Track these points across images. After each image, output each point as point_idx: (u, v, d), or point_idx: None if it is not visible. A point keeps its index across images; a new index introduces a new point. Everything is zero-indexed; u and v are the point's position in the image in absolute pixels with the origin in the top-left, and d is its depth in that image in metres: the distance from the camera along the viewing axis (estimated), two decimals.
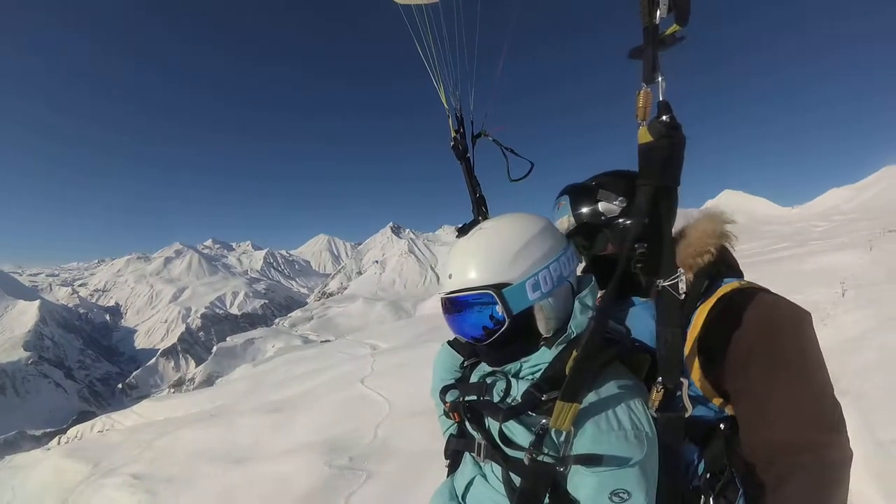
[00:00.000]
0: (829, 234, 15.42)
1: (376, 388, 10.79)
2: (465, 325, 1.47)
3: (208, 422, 11.98)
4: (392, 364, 12.88)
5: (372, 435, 8.31)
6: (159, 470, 9.19)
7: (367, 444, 7.95)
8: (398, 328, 23.94)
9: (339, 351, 19.54)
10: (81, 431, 20.12)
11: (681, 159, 1.29)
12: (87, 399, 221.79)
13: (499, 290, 1.37)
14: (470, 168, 2.15)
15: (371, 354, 15.36)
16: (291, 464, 7.64)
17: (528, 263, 1.40)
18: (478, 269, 1.41)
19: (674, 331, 1.35)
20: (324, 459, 7.41)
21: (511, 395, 1.43)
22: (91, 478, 10.18)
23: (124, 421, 18.44)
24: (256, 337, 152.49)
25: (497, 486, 1.47)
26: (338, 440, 8.28)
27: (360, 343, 20.17)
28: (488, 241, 1.45)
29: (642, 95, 1.28)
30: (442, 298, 1.50)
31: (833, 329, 6.85)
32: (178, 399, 19.17)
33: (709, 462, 1.51)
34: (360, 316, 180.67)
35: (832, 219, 22.54)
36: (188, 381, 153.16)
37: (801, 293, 8.50)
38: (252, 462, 8.37)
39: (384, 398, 10.10)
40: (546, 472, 1.30)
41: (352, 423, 9.06)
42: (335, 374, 14.02)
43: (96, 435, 17.12)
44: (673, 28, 1.25)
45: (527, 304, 1.39)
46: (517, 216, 1.54)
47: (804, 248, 12.40)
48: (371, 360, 13.82)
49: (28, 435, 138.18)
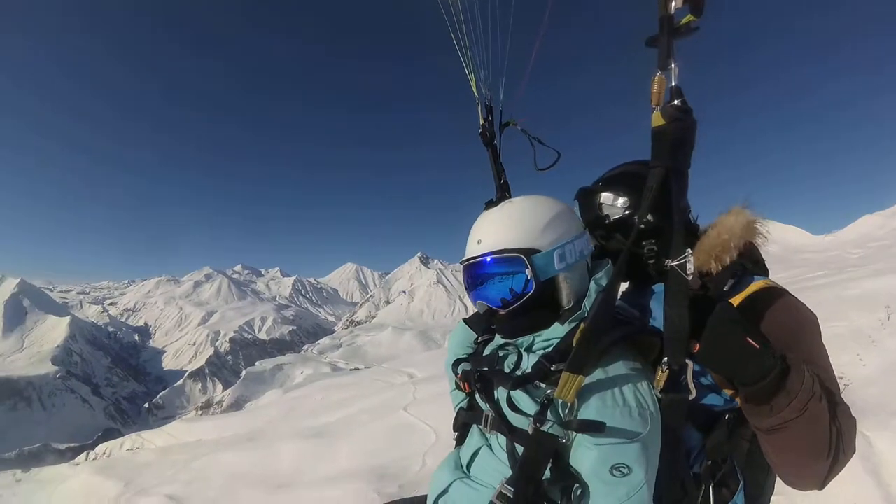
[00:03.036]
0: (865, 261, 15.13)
1: (420, 417, 10.41)
2: (492, 290, 1.54)
3: (245, 445, 11.63)
4: (433, 393, 12.51)
5: (420, 463, 7.95)
6: (197, 492, 8.84)
7: (416, 473, 7.62)
8: (433, 357, 23.59)
9: (376, 378, 19.29)
10: (110, 449, 19.96)
11: (692, 141, 1.34)
12: (112, 416, 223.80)
13: (529, 256, 1.46)
14: (496, 154, 2.26)
15: (411, 383, 14.96)
16: (338, 490, 7.27)
17: (556, 235, 1.50)
18: (510, 233, 1.50)
19: (680, 312, 1.37)
20: (372, 487, 7.05)
21: (521, 368, 1.51)
22: (123, 496, 9.89)
23: (155, 440, 18.25)
24: (285, 363, 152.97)
25: (502, 456, 1.52)
26: (385, 468, 7.89)
27: (396, 371, 19.87)
28: (521, 210, 1.56)
29: (656, 81, 1.34)
30: (469, 263, 1.57)
31: (880, 353, 6.69)
32: (211, 421, 18.93)
33: (710, 450, 1.54)
34: (389, 345, 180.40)
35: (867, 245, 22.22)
36: (216, 403, 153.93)
37: (844, 319, 8.34)
38: (295, 488, 7.99)
39: (429, 427, 9.69)
40: (549, 442, 1.35)
41: (398, 451, 8.67)
42: (375, 401, 13.65)
43: (126, 453, 17.02)
44: (688, 18, 1.30)
45: (552, 273, 1.48)
46: (543, 196, 1.64)
47: (843, 275, 12.13)
48: (412, 389, 13.47)
49: (53, 448, 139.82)
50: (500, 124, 2.25)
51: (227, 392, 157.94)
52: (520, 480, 1.35)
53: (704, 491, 1.53)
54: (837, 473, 1.34)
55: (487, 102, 2.25)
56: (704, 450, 1.56)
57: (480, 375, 1.58)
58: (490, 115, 2.26)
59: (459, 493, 1.59)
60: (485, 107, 2.26)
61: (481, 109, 2.26)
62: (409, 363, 22.17)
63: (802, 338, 1.45)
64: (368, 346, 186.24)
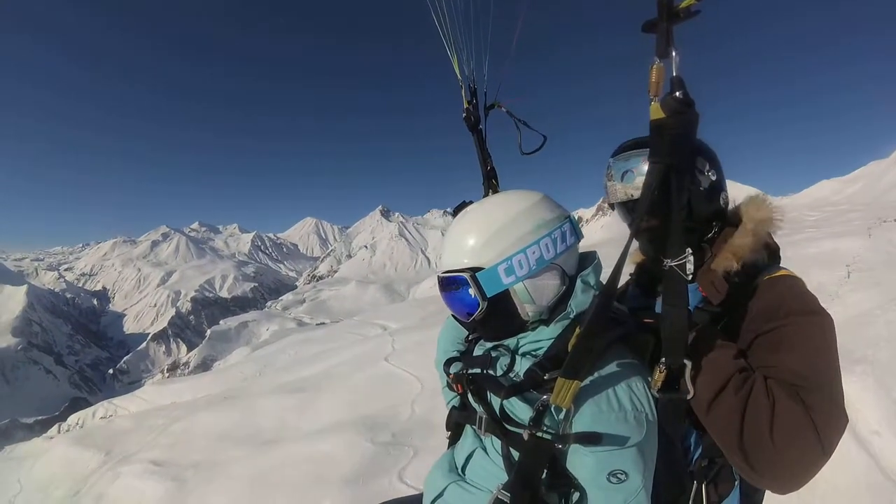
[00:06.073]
0: (822, 223, 15.81)
1: (402, 367, 10.49)
2: (454, 304, 1.52)
3: (223, 405, 11.51)
4: (412, 342, 12.57)
5: (409, 411, 8.08)
6: (181, 456, 8.73)
7: (407, 420, 7.76)
8: (403, 309, 23.72)
9: (349, 332, 19.27)
10: (82, 419, 19.58)
11: (693, 137, 1.27)
12: (78, 385, 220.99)
13: (472, 274, 1.41)
14: (482, 139, 2.19)
15: (387, 334, 14.98)
16: (328, 443, 7.32)
17: (503, 246, 1.41)
18: (456, 252, 1.47)
19: (679, 311, 1.33)
20: (365, 437, 7.15)
21: (514, 371, 1.47)
22: (104, 466, 9.69)
23: (128, 406, 17.95)
24: (250, 320, 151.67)
25: (497, 459, 1.50)
26: (375, 418, 7.98)
27: (368, 324, 19.86)
28: (467, 225, 1.49)
29: (655, 70, 1.23)
30: (437, 277, 1.55)
31: (842, 307, 7.07)
32: (182, 383, 18.68)
33: (706, 448, 1.54)
34: (354, 299, 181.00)
35: (823, 209, 23.25)
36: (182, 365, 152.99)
37: (806, 276, 8.99)
38: (283, 443, 7.99)
39: (413, 375, 9.79)
40: (544, 448, 1.33)
41: (385, 401, 8.76)
42: (353, 353, 13.67)
43: (101, 421, 16.65)
44: (688, 1, 1.19)
45: (501, 288, 1.41)
46: (503, 196, 1.58)
47: (801, 235, 12.58)
48: (390, 339, 13.52)
49: (21, 423, 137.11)
50: (486, 107, 2.18)
51: (193, 353, 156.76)
52: (516, 486, 1.35)
53: (698, 489, 1.55)
54: (780, 477, 1.30)
55: (471, 84, 2.17)
56: (700, 448, 1.57)
57: (472, 378, 1.55)
58: (474, 98, 2.18)
59: (455, 496, 1.58)
60: (468, 89, 2.18)
61: (465, 92, 2.18)
62: (379, 315, 22.17)
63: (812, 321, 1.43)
64: (333, 301, 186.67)
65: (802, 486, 1.30)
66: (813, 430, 1.24)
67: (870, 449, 4.37)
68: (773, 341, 1.41)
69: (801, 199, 47.32)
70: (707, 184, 1.65)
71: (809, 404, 1.27)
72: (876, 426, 4.50)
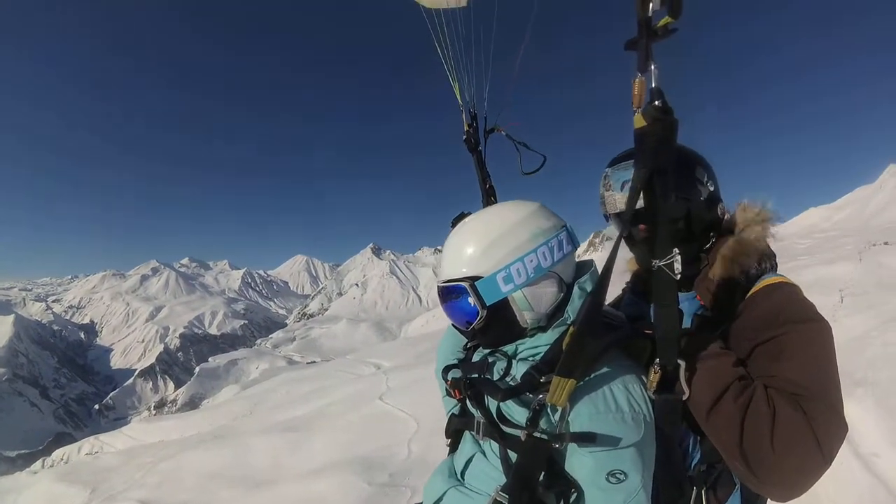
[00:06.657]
0: (813, 251, 16.06)
1: (398, 406, 10.33)
2: (454, 313, 1.55)
3: (213, 444, 11.24)
4: (406, 381, 12.46)
5: (406, 451, 7.94)
6: (169, 495, 8.54)
7: (404, 460, 7.62)
8: (395, 348, 23.59)
9: (341, 370, 19.12)
10: (68, 454, 19.21)
11: (673, 141, 1.31)
12: (63, 420, 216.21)
13: (472, 283, 1.44)
14: (481, 160, 2.30)
15: (381, 372, 14.88)
16: (323, 484, 7.16)
17: (500, 256, 1.45)
18: (454, 262, 1.50)
19: (669, 310, 1.37)
20: (361, 478, 7.00)
21: (511, 375, 1.49)
22: None
23: (114, 443, 17.64)
24: (239, 358, 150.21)
25: (495, 463, 1.53)
26: (371, 458, 7.83)
27: (361, 362, 19.69)
28: (465, 235, 1.53)
29: (637, 84, 1.32)
30: (437, 286, 1.59)
31: (839, 331, 7.00)
32: (170, 420, 18.41)
33: (705, 453, 1.56)
34: (345, 337, 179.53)
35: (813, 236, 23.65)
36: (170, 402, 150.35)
37: None
38: (276, 484, 7.82)
39: (409, 414, 9.65)
40: (542, 448, 1.35)
41: (381, 441, 8.62)
42: (347, 392, 13.52)
43: (87, 458, 16.28)
44: (665, 20, 1.27)
45: (500, 296, 1.45)
46: (501, 207, 1.62)
47: (795, 262, 12.83)
48: (384, 378, 13.38)
49: (3, 456, 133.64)
50: (485, 130, 2.31)
51: (181, 390, 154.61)
52: (514, 487, 1.36)
53: (697, 494, 1.57)
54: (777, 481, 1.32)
55: (472, 109, 2.30)
56: (699, 452, 1.59)
57: (470, 383, 1.57)
58: (474, 122, 2.31)
59: (454, 501, 1.59)
60: (469, 113, 2.31)
61: (465, 115, 2.31)
62: (372, 354, 22.03)
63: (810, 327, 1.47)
64: (323, 339, 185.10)
65: (803, 493, 1.33)
66: (813, 439, 1.27)
67: (873, 469, 4.39)
68: (773, 350, 1.44)
69: (790, 227, 48.06)
70: (706, 194, 1.71)
71: (810, 413, 1.30)
72: (877, 447, 4.55)
